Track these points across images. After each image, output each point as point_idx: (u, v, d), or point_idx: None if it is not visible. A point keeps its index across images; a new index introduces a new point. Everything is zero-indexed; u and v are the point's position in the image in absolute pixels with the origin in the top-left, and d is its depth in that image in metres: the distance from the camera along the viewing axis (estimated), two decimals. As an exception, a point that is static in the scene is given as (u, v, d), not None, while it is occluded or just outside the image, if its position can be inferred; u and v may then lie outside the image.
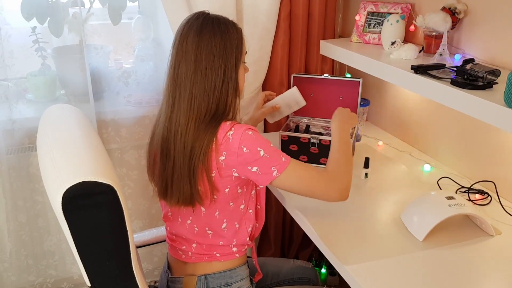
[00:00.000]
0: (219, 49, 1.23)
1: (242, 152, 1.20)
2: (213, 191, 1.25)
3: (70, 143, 1.08)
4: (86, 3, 1.88)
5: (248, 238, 1.36)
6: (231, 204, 1.30)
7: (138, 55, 2.06)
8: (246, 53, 1.31)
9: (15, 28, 1.80)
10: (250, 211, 1.36)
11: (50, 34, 1.86)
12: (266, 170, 1.22)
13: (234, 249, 1.36)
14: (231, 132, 1.21)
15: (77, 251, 0.95)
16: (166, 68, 1.28)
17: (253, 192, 1.36)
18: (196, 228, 1.33)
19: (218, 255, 1.35)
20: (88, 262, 0.97)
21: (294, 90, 1.73)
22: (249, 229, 1.36)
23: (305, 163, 1.31)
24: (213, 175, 1.23)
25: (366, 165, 1.65)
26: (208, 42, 1.22)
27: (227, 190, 1.27)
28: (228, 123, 1.23)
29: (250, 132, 1.21)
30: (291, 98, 1.73)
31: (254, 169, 1.22)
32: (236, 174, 1.24)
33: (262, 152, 1.21)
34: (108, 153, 2.00)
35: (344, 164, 1.35)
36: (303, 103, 1.74)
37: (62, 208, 0.89)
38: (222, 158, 1.22)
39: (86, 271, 0.97)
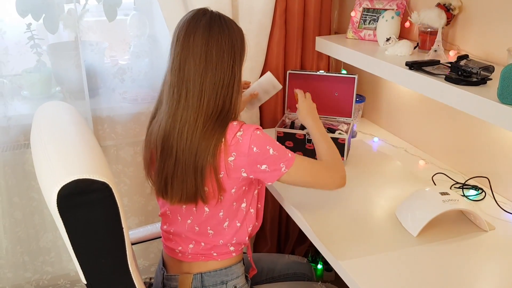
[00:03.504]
0: (228, 45, 1.22)
1: (252, 152, 1.21)
2: (221, 191, 1.24)
3: (65, 141, 1.08)
4: (81, 0, 1.87)
5: (247, 237, 1.36)
6: (234, 204, 1.30)
7: (133, 51, 2.05)
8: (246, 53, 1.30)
9: (10, 24, 1.79)
10: (252, 210, 1.36)
11: (45, 31, 1.85)
12: (275, 167, 1.24)
13: (232, 248, 1.36)
14: (240, 133, 1.21)
15: (73, 248, 0.95)
16: (166, 63, 1.25)
17: (256, 191, 1.36)
18: (197, 228, 1.32)
19: (215, 254, 1.35)
20: (83, 259, 0.97)
21: (268, 75, 1.73)
22: (249, 229, 1.36)
23: (306, 157, 1.33)
24: (221, 175, 1.23)
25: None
26: (218, 38, 1.21)
27: (233, 190, 1.27)
28: (235, 123, 1.23)
29: (258, 132, 1.22)
30: (267, 83, 1.73)
31: (263, 167, 1.23)
32: (244, 174, 1.24)
33: (271, 151, 1.22)
34: (103, 150, 2.02)
35: (335, 154, 1.42)
36: (279, 86, 1.74)
37: (57, 206, 0.89)
38: (231, 158, 1.21)
39: (81, 268, 0.98)
